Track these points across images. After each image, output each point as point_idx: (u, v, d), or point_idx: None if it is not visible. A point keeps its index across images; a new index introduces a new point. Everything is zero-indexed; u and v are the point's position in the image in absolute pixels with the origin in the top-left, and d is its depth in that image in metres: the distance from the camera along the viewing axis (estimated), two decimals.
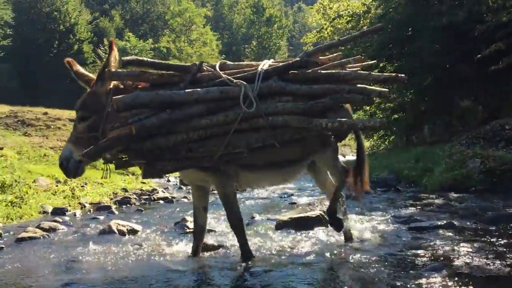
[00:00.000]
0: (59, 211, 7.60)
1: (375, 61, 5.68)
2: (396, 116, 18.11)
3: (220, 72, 4.10)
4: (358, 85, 4.15)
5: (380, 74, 4.40)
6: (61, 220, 6.71)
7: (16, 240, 5.36)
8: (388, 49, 16.45)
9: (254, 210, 6.99)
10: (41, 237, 5.58)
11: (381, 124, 4.21)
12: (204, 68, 4.18)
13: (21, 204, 7.58)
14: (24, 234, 5.51)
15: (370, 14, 17.54)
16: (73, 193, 9.02)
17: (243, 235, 4.34)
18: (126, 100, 3.74)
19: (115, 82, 4.10)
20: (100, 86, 4.03)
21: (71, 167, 3.98)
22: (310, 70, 4.16)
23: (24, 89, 41.94)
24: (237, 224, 4.32)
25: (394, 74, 4.32)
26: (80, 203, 8.56)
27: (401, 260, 4.09)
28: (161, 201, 8.99)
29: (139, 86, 4.12)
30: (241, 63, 4.64)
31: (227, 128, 3.91)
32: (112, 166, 4.26)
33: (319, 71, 4.16)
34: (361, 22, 17.82)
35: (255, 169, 4.32)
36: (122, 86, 4.10)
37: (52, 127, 21.96)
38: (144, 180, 13.00)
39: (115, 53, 4.11)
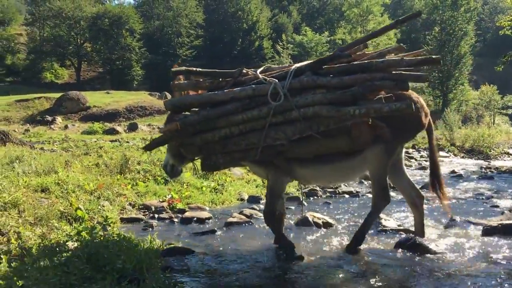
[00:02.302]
0: (254, 199, 8.16)
1: (425, 49, 5.17)
2: None
3: (259, 74, 4.52)
4: (394, 72, 4.09)
5: (413, 58, 4.22)
6: (258, 208, 7.22)
7: (225, 224, 5.94)
8: None
9: (452, 212, 6.54)
10: (245, 223, 6.09)
11: (408, 106, 3.95)
12: (248, 72, 4.65)
13: (222, 191, 8.36)
14: (231, 219, 6.10)
15: None
16: (263, 183, 9.60)
17: (277, 227, 4.79)
18: (173, 102, 4.59)
19: None
20: None
21: (169, 170, 4.97)
22: (343, 63, 4.27)
23: None
24: (269, 217, 4.76)
25: (428, 56, 4.17)
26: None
27: None
28: (346, 195, 9.00)
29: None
30: (284, 65, 4.90)
31: (264, 121, 4.27)
32: (198, 164, 4.93)
33: (352, 63, 4.25)
34: None
35: (308, 163, 4.55)
36: None
37: None
38: None
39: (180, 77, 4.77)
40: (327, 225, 5.91)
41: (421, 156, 18.37)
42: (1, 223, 4.28)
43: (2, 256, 3.28)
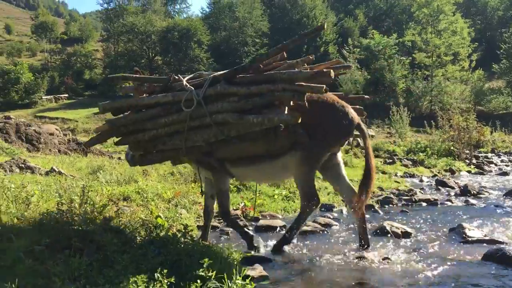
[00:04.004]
0: (326, 207, 8.05)
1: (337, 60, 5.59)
2: None
3: (184, 81, 4.99)
4: (297, 83, 4.32)
5: (308, 71, 4.44)
6: (331, 216, 7.11)
7: (300, 233, 5.88)
8: None
9: None
10: (320, 232, 6.02)
11: (294, 117, 4.26)
12: (180, 78, 5.11)
13: (294, 198, 8.32)
14: (306, 228, 6.04)
15: None
16: (336, 192, 9.43)
17: (234, 222, 5.33)
18: (105, 106, 5.14)
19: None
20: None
21: (129, 159, 5.49)
22: (253, 74, 4.64)
23: None
24: (225, 214, 5.25)
25: (320, 70, 4.39)
26: (343, 200, 8.89)
27: None
28: (423, 203, 8.64)
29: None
30: (213, 72, 5.20)
31: (184, 125, 4.71)
32: None
33: (261, 73, 4.59)
34: None
35: (237, 164, 4.93)
36: None
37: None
38: (398, 180, 12.78)
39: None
40: (406, 235, 5.70)
41: (502, 161, 17.34)
42: (90, 231, 4.51)
43: (93, 263, 3.46)
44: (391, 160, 16.34)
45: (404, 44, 44.48)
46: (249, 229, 6.30)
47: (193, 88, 4.79)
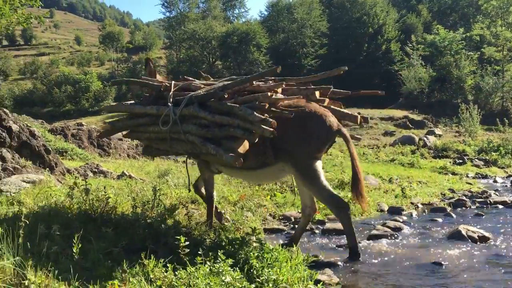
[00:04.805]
0: (394, 210, 7.80)
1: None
2: None
3: (171, 91, 5.37)
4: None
5: (257, 116, 4.43)
6: (401, 220, 6.88)
7: (369, 237, 5.74)
8: None
9: None
10: (390, 236, 5.82)
11: (235, 160, 4.37)
12: (171, 86, 5.49)
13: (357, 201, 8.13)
14: (375, 232, 5.89)
15: None
16: (403, 193, 9.15)
17: (211, 209, 5.48)
18: (108, 108, 6.40)
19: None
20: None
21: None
22: (218, 102, 4.87)
23: None
24: (209, 199, 5.50)
25: (265, 118, 4.40)
26: (412, 203, 8.61)
27: None
28: (500, 206, 8.17)
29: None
30: (204, 82, 5.75)
31: (166, 135, 5.16)
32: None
33: (224, 103, 4.80)
34: None
35: (223, 166, 5.19)
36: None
37: (364, 126, 23.10)
38: (470, 181, 12.20)
39: (150, 69, 6.03)
40: (483, 239, 5.40)
41: None
42: (162, 233, 4.65)
43: (168, 265, 3.55)
44: (461, 161, 15.65)
45: (471, 38, 42.43)
46: (315, 233, 6.26)
47: (171, 106, 5.13)
